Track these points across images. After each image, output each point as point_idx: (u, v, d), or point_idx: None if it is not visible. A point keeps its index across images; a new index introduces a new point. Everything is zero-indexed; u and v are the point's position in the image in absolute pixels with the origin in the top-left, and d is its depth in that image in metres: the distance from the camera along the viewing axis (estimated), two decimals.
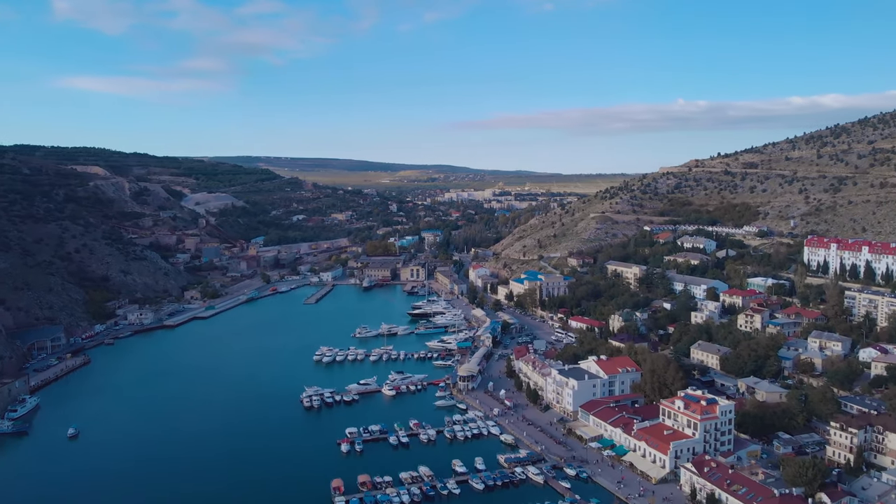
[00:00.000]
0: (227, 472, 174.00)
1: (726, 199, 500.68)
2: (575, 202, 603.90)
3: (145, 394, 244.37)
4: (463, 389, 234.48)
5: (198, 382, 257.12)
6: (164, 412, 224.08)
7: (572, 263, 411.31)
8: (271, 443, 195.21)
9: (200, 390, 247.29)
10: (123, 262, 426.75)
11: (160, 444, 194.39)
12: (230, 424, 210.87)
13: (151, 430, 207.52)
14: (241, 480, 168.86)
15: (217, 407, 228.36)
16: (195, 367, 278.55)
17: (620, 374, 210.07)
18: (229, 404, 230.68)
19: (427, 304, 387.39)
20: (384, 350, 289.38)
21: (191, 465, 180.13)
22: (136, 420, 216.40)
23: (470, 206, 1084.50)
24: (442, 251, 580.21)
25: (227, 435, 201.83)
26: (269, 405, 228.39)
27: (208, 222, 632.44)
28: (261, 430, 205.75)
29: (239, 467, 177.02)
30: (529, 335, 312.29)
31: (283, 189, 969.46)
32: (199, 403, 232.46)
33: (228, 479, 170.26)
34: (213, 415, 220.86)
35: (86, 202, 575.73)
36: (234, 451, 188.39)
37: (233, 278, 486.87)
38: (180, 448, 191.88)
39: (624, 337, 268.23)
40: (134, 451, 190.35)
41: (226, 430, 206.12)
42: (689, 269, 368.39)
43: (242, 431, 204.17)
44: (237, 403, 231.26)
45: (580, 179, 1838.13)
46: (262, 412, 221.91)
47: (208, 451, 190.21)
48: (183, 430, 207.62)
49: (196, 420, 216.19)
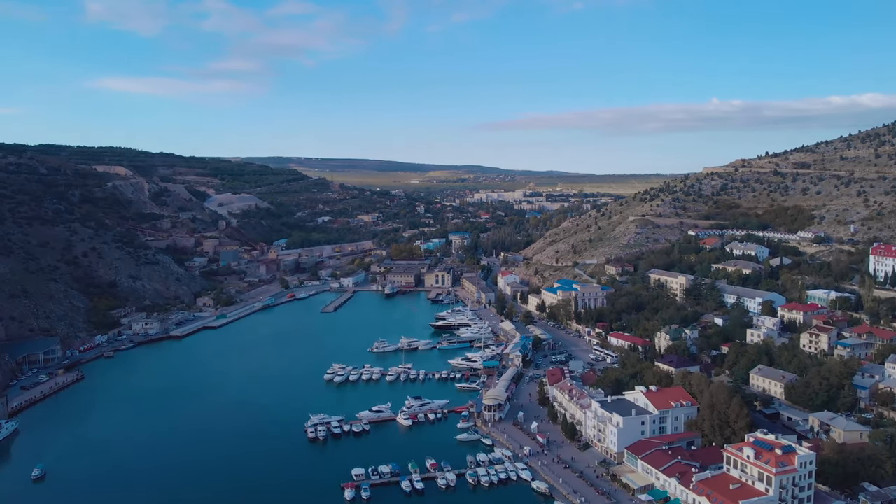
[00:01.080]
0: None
1: (777, 201, 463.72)
2: (612, 204, 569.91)
3: (134, 418, 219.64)
4: (489, 420, 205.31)
5: (194, 404, 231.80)
6: (150, 441, 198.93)
7: (610, 271, 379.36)
8: (265, 483, 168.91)
9: (196, 414, 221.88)
10: (133, 266, 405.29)
11: (137, 484, 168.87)
12: (222, 458, 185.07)
13: (133, 463, 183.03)
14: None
15: (211, 436, 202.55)
16: (194, 385, 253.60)
17: (674, 409, 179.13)
18: (225, 433, 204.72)
19: (452, 314, 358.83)
20: (402, 369, 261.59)
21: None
22: (118, 451, 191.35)
23: (500, 207, 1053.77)
24: (469, 255, 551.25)
25: (216, 471, 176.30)
26: (269, 434, 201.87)
27: (228, 224, 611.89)
28: (256, 465, 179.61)
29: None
30: (564, 352, 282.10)
31: (309, 190, 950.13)
32: (192, 431, 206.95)
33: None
34: (205, 445, 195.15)
35: (102, 203, 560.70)
36: (219, 495, 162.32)
37: (250, 284, 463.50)
38: (160, 488, 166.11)
39: (673, 359, 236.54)
40: (107, 494, 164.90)
41: (216, 466, 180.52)
42: (741, 280, 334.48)
43: (235, 467, 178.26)
44: (233, 432, 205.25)
45: (613, 180, 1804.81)
46: (260, 443, 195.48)
47: (192, 490, 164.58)
48: (169, 463, 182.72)
49: (185, 451, 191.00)
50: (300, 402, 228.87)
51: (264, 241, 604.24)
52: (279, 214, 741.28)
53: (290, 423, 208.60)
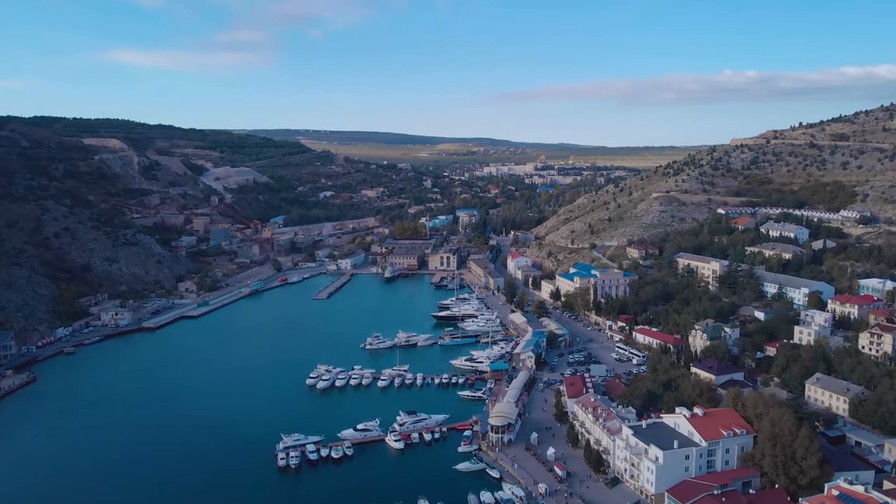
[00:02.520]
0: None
1: (814, 176, 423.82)
2: (631, 179, 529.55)
3: (78, 434, 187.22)
4: (496, 444, 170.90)
5: (153, 415, 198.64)
6: (89, 466, 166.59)
7: (633, 255, 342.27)
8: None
9: (152, 428, 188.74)
10: (110, 248, 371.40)
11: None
12: (169, 492, 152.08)
13: (63, 496, 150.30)
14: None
15: (163, 460, 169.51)
16: (158, 390, 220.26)
17: (725, 440, 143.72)
18: (181, 455, 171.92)
19: (456, 302, 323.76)
20: (397, 372, 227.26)
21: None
22: (46, 482, 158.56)
23: (510, 181, 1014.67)
24: (477, 234, 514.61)
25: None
26: (233, 460, 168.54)
27: (221, 200, 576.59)
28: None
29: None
30: (582, 351, 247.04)
31: (312, 163, 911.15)
32: (143, 452, 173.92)
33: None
34: (153, 472, 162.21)
35: (87, 178, 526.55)
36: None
37: (239, 265, 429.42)
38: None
39: (713, 365, 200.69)
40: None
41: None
42: (781, 266, 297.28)
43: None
44: (192, 454, 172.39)
45: (626, 153, 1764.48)
46: (220, 472, 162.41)
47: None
48: (105, 498, 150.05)
49: (127, 481, 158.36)
50: (276, 414, 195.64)
51: (260, 219, 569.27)
52: (278, 189, 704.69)
53: (260, 444, 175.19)
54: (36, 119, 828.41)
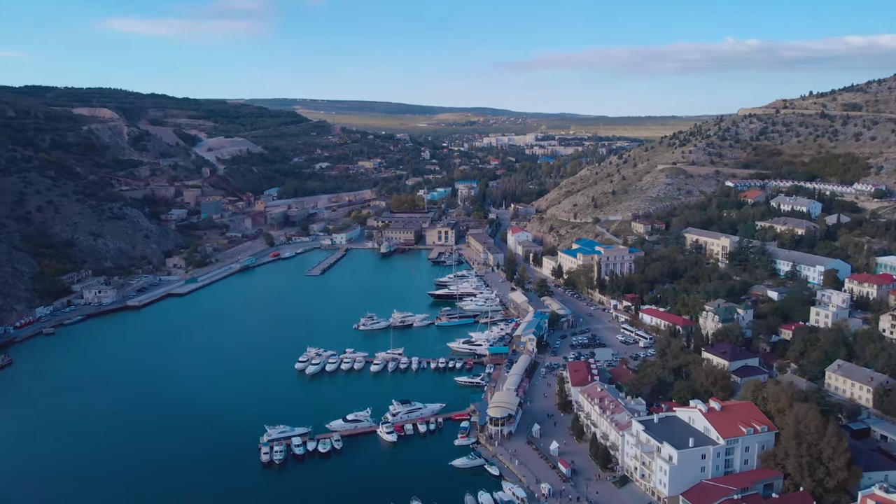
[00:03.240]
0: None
1: (825, 148, 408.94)
2: (635, 150, 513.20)
3: (50, 423, 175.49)
4: (495, 437, 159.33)
5: (131, 404, 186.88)
6: (57, 459, 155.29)
7: (638, 230, 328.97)
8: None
9: (128, 420, 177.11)
10: (95, 222, 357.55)
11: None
12: (143, 490, 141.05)
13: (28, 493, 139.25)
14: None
15: (138, 453, 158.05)
16: (138, 375, 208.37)
17: (745, 438, 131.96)
18: (158, 448, 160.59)
19: (454, 279, 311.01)
20: (391, 355, 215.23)
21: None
22: (12, 475, 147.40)
23: (510, 151, 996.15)
24: (476, 207, 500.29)
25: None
26: (212, 453, 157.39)
27: (213, 171, 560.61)
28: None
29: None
30: (586, 333, 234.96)
31: (308, 133, 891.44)
32: (118, 445, 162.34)
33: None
34: (126, 469, 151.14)
35: (75, 149, 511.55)
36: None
37: (231, 240, 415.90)
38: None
39: (726, 349, 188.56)
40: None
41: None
42: (794, 242, 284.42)
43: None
44: (169, 447, 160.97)
45: (628, 122, 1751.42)
46: (198, 467, 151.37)
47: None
48: (72, 498, 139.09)
49: (100, 476, 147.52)
50: (261, 402, 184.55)
51: (254, 191, 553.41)
52: (273, 160, 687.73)
53: (243, 436, 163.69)
54: (26, 89, 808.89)
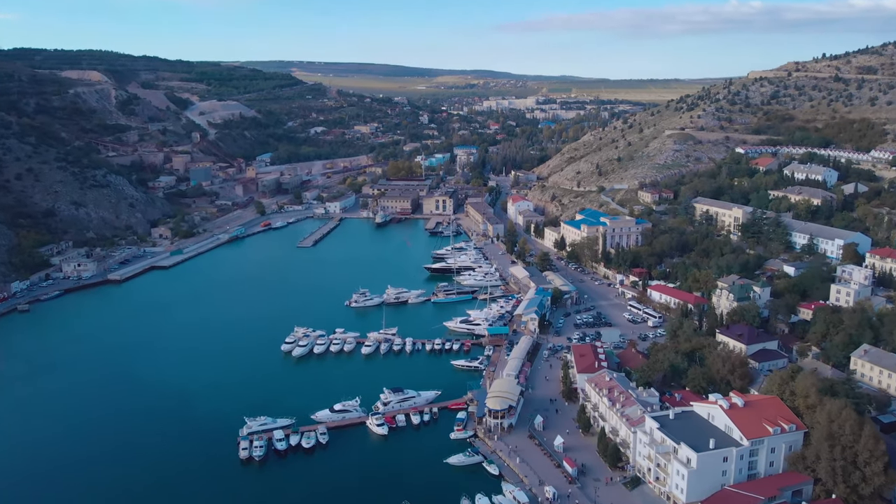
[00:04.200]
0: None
1: (839, 112, 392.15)
2: (641, 115, 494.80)
3: (14, 408, 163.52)
4: (494, 430, 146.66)
5: (104, 389, 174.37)
6: (24, 449, 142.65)
7: (645, 199, 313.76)
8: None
9: (99, 407, 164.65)
10: (78, 190, 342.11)
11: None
12: (109, 489, 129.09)
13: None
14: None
15: (107, 446, 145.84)
16: (115, 356, 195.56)
17: (771, 438, 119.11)
18: (129, 440, 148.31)
19: (452, 252, 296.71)
20: (384, 335, 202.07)
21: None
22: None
23: (511, 115, 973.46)
24: (476, 174, 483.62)
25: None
26: (188, 448, 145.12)
27: (204, 137, 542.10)
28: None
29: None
30: (591, 310, 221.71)
31: (303, 96, 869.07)
32: (87, 437, 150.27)
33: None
34: (93, 464, 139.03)
35: (60, 113, 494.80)
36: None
37: (220, 208, 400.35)
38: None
39: (742, 332, 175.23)
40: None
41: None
42: (810, 213, 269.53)
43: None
44: (142, 439, 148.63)
45: (630, 86, 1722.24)
46: (172, 463, 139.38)
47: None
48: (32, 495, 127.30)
49: (64, 471, 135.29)
50: (244, 388, 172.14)
51: (246, 156, 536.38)
52: (267, 124, 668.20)
53: (222, 428, 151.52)
54: (14, 52, 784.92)
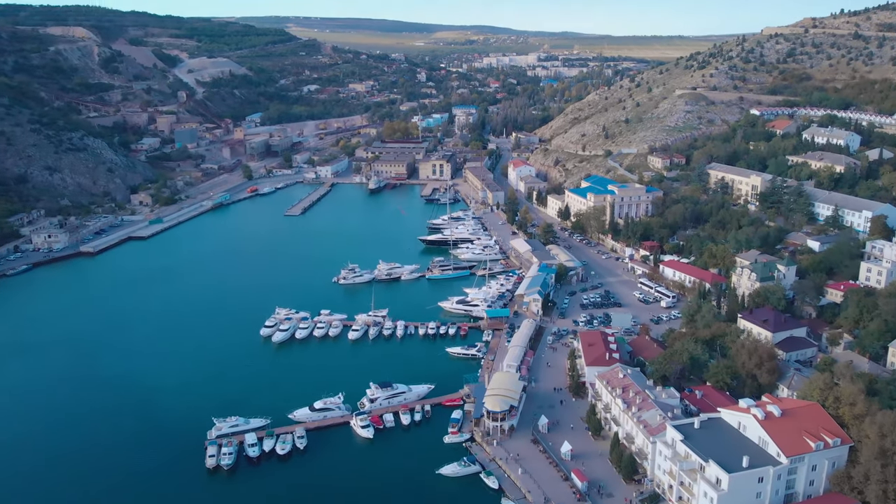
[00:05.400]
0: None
1: (859, 72, 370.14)
2: (649, 73, 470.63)
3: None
4: (493, 433, 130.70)
5: (63, 379, 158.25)
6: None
7: (655, 165, 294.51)
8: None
9: (57, 399, 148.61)
10: (52, 154, 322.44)
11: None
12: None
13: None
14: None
15: (59, 446, 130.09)
16: (79, 340, 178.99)
17: (813, 455, 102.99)
18: (85, 442, 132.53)
19: (449, 222, 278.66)
20: (373, 317, 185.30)
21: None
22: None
23: (511, 73, 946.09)
24: (475, 136, 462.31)
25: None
26: (148, 454, 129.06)
27: (191, 96, 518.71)
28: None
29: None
30: (598, 289, 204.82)
31: (297, 53, 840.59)
32: (33, 438, 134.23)
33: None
34: (42, 466, 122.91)
35: (40, 72, 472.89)
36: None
37: (205, 172, 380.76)
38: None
39: (767, 316, 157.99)
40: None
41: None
42: (833, 181, 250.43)
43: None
44: (97, 444, 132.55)
45: (633, 42, 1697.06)
46: (131, 470, 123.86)
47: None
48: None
49: (9, 478, 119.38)
50: (216, 381, 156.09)
51: (235, 117, 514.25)
52: (258, 82, 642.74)
53: (189, 426, 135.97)
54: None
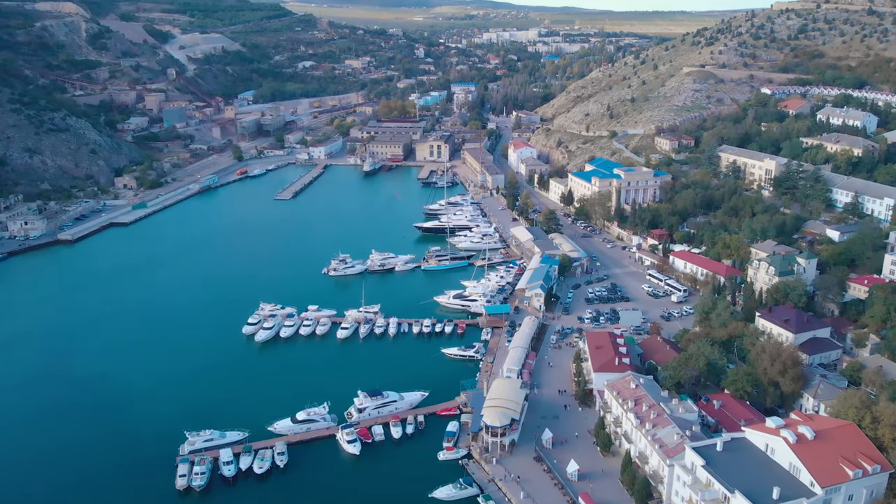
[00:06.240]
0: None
1: (874, 49, 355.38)
2: (655, 50, 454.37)
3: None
4: (492, 450, 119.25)
5: (28, 388, 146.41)
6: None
7: (662, 147, 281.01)
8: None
9: (18, 410, 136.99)
10: (32, 136, 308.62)
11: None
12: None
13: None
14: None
15: (17, 459, 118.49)
16: (43, 343, 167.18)
17: (850, 484, 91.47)
18: (43, 455, 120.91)
19: (446, 207, 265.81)
20: (364, 314, 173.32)
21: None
22: None
23: (512, 49, 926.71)
24: (474, 115, 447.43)
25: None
26: (114, 473, 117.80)
27: (180, 73, 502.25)
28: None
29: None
30: (604, 281, 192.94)
31: (292, 28, 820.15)
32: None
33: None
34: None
35: (25, 49, 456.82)
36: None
37: (194, 153, 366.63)
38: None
39: (789, 316, 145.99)
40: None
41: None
42: (851, 165, 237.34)
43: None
44: (53, 466, 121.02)
45: (635, 17, 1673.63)
46: (95, 491, 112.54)
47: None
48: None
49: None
50: (193, 385, 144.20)
51: (226, 94, 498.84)
52: (251, 59, 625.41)
53: (161, 439, 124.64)
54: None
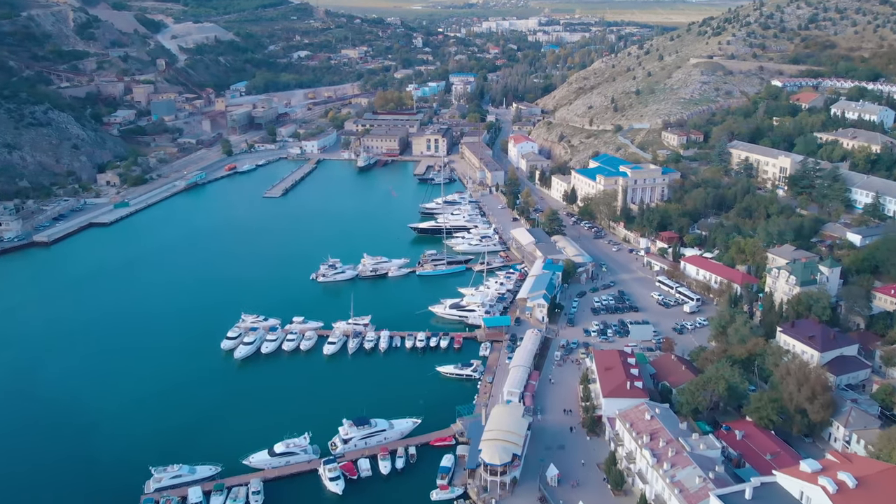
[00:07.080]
0: None
1: (887, 40, 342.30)
2: (660, 40, 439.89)
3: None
4: (490, 489, 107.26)
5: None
6: None
7: (670, 142, 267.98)
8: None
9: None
10: (11, 130, 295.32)
11: None
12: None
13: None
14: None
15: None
16: (10, 357, 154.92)
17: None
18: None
19: (443, 206, 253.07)
20: (353, 326, 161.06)
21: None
22: None
23: (511, 38, 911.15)
24: (473, 107, 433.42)
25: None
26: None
27: (169, 64, 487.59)
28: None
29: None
30: (611, 288, 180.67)
31: (288, 17, 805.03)
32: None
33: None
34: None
35: (10, 39, 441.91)
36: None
37: (181, 147, 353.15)
38: None
39: (814, 331, 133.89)
40: None
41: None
42: (869, 162, 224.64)
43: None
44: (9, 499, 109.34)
45: (635, 6, 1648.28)
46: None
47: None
48: None
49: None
50: (163, 411, 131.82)
51: (218, 86, 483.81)
52: (245, 49, 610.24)
53: (124, 474, 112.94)
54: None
